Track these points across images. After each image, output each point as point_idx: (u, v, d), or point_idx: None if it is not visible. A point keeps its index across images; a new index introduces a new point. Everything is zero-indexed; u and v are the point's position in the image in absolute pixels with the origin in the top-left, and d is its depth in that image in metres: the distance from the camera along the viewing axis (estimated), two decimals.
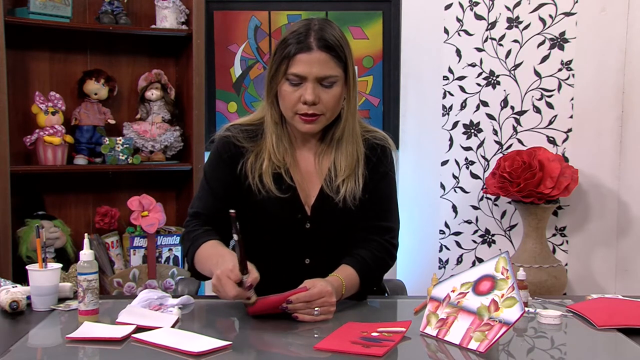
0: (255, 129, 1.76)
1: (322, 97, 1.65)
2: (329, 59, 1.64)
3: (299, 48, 1.63)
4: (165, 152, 3.06)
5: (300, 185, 1.74)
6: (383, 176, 1.79)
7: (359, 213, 1.74)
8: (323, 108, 1.66)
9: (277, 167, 1.72)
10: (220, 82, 3.26)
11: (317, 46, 1.63)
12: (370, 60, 3.25)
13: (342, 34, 1.69)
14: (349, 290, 1.66)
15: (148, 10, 3.06)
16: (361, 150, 1.75)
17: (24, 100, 2.85)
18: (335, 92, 1.66)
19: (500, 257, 1.44)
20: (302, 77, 1.64)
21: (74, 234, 2.92)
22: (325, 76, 1.64)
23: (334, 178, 1.73)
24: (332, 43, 1.64)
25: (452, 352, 1.36)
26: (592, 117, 3.19)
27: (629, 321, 1.51)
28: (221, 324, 1.59)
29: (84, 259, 1.53)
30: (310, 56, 1.63)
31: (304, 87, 1.64)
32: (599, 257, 3.26)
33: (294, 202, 1.72)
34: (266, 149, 1.73)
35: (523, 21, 3.18)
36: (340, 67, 1.66)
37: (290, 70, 1.64)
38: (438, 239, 3.28)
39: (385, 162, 1.80)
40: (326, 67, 1.64)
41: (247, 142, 1.74)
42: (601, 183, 3.22)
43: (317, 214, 1.73)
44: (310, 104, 1.64)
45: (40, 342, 1.44)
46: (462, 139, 3.24)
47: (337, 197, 1.72)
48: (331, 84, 1.65)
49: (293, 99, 1.65)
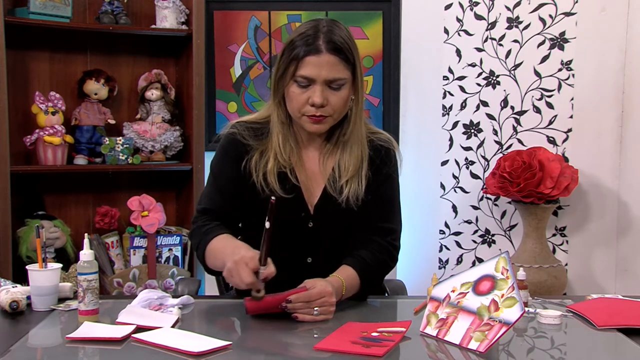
0: (261, 127, 1.76)
1: (330, 99, 1.65)
2: (338, 61, 1.64)
3: (308, 50, 1.62)
4: (165, 152, 3.06)
5: (305, 185, 1.74)
6: (386, 178, 1.79)
7: (361, 214, 1.74)
8: (330, 110, 1.66)
9: (282, 166, 1.72)
10: (220, 82, 3.26)
11: (326, 49, 1.62)
12: (370, 60, 3.25)
13: (349, 35, 1.69)
14: (349, 290, 1.66)
15: (148, 10, 3.06)
16: (366, 151, 1.76)
17: (24, 100, 2.85)
18: (343, 94, 1.66)
19: (500, 257, 1.44)
20: (310, 80, 1.63)
21: (74, 234, 2.91)
22: (334, 79, 1.64)
23: (337, 178, 1.73)
24: (341, 45, 1.64)
25: (452, 352, 1.36)
26: (592, 117, 3.19)
27: (629, 321, 1.51)
28: (221, 324, 1.59)
29: (84, 259, 1.53)
30: (319, 59, 1.62)
31: (312, 89, 1.64)
32: (599, 257, 3.26)
33: (298, 201, 1.73)
34: (272, 148, 1.73)
35: (523, 21, 3.18)
36: (348, 69, 1.66)
37: (299, 73, 1.64)
38: (438, 239, 3.28)
39: (389, 164, 1.80)
40: (335, 69, 1.64)
41: (252, 139, 1.74)
42: (601, 183, 3.21)
43: (320, 213, 1.74)
44: (319, 106, 1.64)
45: (40, 342, 1.44)
46: (462, 139, 3.24)
47: (340, 198, 1.72)
48: (339, 87, 1.65)
49: (301, 100, 1.65)
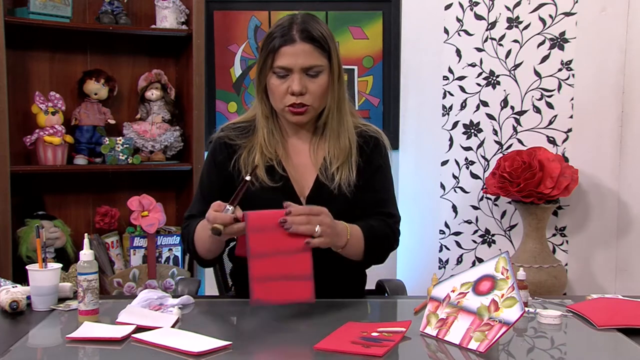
0: (248, 126, 1.82)
1: (309, 86, 1.70)
2: (312, 49, 1.69)
3: (283, 41, 1.69)
4: (165, 152, 3.06)
5: (294, 177, 1.78)
6: (378, 167, 1.84)
7: (355, 200, 1.77)
8: (310, 98, 1.71)
9: (269, 159, 1.76)
10: (220, 82, 3.26)
11: (300, 37, 1.68)
12: (370, 60, 3.25)
13: (325, 27, 1.75)
14: (353, 239, 1.66)
15: (148, 10, 3.06)
16: (354, 138, 1.80)
17: (24, 100, 2.85)
18: (321, 81, 1.71)
19: (500, 257, 1.44)
20: (288, 69, 1.69)
21: (74, 234, 2.92)
22: (311, 66, 1.69)
23: (328, 167, 1.77)
24: (315, 34, 1.70)
25: (452, 352, 1.36)
26: (592, 117, 3.19)
27: (629, 321, 1.51)
28: (221, 324, 1.60)
29: (84, 259, 1.54)
30: (294, 48, 1.68)
31: (290, 78, 1.69)
32: (598, 257, 3.26)
33: (288, 191, 1.76)
34: (258, 143, 1.78)
35: (523, 21, 3.17)
36: (324, 56, 1.71)
37: (276, 64, 1.69)
38: (438, 239, 3.28)
39: (380, 154, 1.84)
40: (310, 57, 1.69)
41: (239, 139, 1.80)
42: (601, 183, 3.21)
43: (313, 201, 1.76)
44: (298, 94, 1.69)
45: (40, 342, 1.45)
46: (462, 139, 3.24)
47: (332, 185, 1.75)
48: (317, 73, 1.70)
49: (281, 91, 1.71)
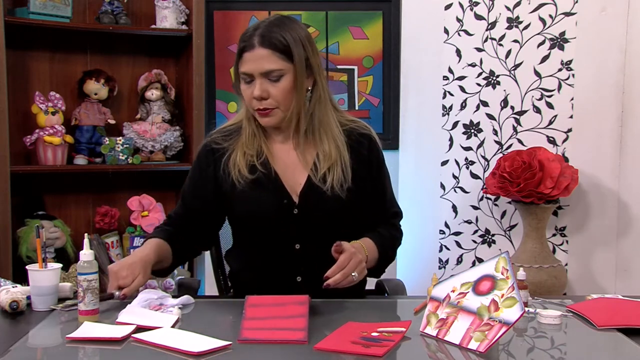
0: (235, 129, 1.85)
1: (270, 91, 1.71)
2: (270, 53, 1.69)
3: (244, 47, 1.72)
4: (165, 152, 3.06)
5: (284, 175, 1.78)
6: (379, 167, 1.86)
7: (351, 202, 1.78)
8: (274, 102, 1.72)
9: (250, 156, 1.78)
10: (220, 82, 3.26)
11: (258, 43, 1.70)
12: (370, 60, 3.25)
13: (294, 30, 1.72)
14: (370, 253, 1.74)
15: (148, 10, 3.06)
16: (341, 138, 1.80)
17: (24, 100, 2.85)
18: (283, 85, 1.71)
19: (500, 257, 1.44)
20: (250, 75, 1.71)
21: (74, 234, 2.92)
22: (269, 70, 1.70)
23: (319, 167, 1.78)
24: (274, 38, 1.69)
25: (452, 352, 1.36)
26: (592, 117, 3.19)
27: (629, 321, 1.51)
28: (221, 324, 1.59)
29: (84, 259, 1.54)
30: (253, 54, 1.70)
31: (253, 83, 1.71)
32: (599, 257, 3.26)
33: (277, 187, 1.77)
34: (240, 142, 1.80)
35: (523, 21, 3.17)
36: (286, 60, 1.70)
37: (240, 70, 1.73)
38: (438, 239, 3.28)
39: (376, 152, 1.86)
40: (268, 61, 1.69)
41: (226, 142, 1.82)
42: (601, 183, 3.21)
43: (305, 200, 1.77)
44: (259, 98, 1.71)
45: (40, 342, 1.44)
46: (462, 139, 3.24)
47: (324, 186, 1.76)
48: (278, 78, 1.71)
49: (248, 95, 1.74)
